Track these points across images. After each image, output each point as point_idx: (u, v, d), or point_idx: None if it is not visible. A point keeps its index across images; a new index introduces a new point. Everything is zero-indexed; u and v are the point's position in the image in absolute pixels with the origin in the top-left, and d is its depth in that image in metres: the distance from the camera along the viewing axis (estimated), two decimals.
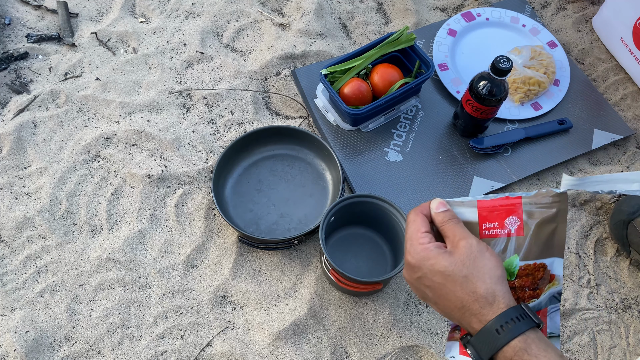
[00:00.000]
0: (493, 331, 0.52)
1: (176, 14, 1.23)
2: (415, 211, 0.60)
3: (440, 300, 0.56)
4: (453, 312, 0.55)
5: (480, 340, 0.53)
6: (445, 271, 0.54)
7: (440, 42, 1.19)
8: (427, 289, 0.57)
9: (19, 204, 0.99)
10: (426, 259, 0.55)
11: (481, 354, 0.53)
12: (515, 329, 0.51)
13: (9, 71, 1.12)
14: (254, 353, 0.90)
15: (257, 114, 1.12)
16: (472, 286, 0.53)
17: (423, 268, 0.56)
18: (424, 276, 0.56)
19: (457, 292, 0.54)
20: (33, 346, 0.88)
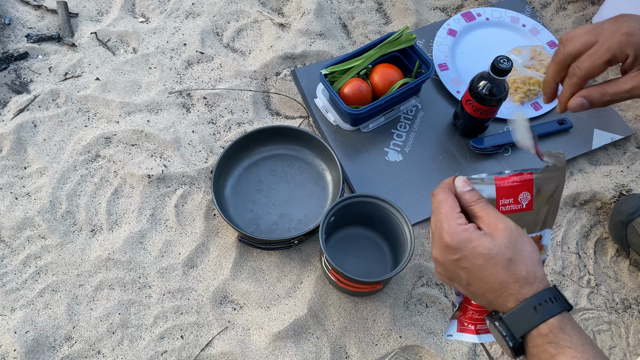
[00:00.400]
0: (530, 308, 0.52)
1: (176, 14, 1.23)
2: (445, 190, 0.58)
3: (476, 282, 0.55)
4: (487, 293, 0.54)
5: (516, 317, 0.53)
6: (488, 254, 0.53)
7: (440, 42, 1.19)
8: (463, 271, 0.55)
9: (19, 204, 0.99)
10: (468, 241, 0.54)
11: (514, 330, 0.52)
12: (553, 308, 0.52)
13: (9, 71, 1.12)
14: (254, 353, 0.90)
15: (257, 114, 1.12)
16: (515, 268, 0.53)
17: (464, 250, 0.54)
18: (464, 258, 0.54)
19: (498, 275, 0.53)
20: (33, 346, 0.88)
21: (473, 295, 0.57)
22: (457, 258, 0.55)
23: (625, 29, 0.57)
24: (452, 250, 0.55)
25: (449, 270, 0.57)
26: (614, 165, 1.09)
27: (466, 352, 0.91)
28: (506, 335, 0.53)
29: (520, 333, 0.52)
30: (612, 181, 1.06)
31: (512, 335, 0.53)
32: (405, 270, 0.97)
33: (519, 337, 0.52)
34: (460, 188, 0.58)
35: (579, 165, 1.09)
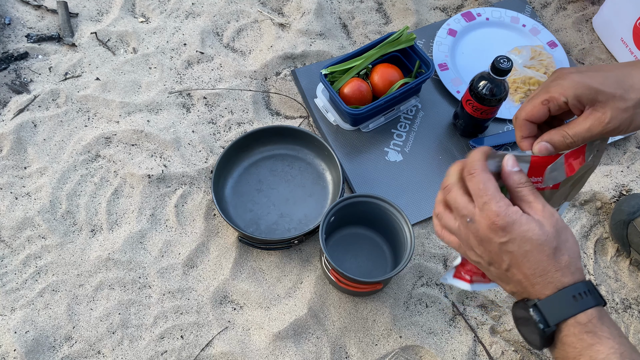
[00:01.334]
0: (569, 297, 0.51)
1: (176, 13, 1.23)
2: (485, 169, 0.54)
3: (517, 268, 0.53)
4: (525, 279, 0.53)
5: (554, 304, 0.52)
6: (537, 240, 0.52)
7: (440, 42, 1.19)
8: (507, 255, 0.53)
9: (19, 204, 0.99)
10: (519, 224, 0.52)
11: (550, 317, 0.52)
12: (591, 300, 0.51)
13: (9, 71, 1.12)
14: (254, 353, 0.90)
15: (257, 114, 1.12)
16: (559, 258, 0.53)
17: (513, 233, 0.52)
18: (511, 242, 0.53)
19: (542, 262, 0.52)
20: (33, 346, 0.88)
21: (507, 280, 0.56)
22: (505, 241, 0.53)
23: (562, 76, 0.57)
24: (501, 232, 0.53)
25: (491, 253, 0.55)
26: (614, 165, 1.09)
27: (466, 352, 0.91)
28: (539, 322, 0.52)
29: (557, 320, 0.52)
30: (612, 181, 1.06)
31: (546, 322, 0.52)
32: (405, 270, 0.97)
33: (553, 325, 0.52)
34: (510, 167, 0.55)
35: None
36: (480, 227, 0.54)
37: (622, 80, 0.54)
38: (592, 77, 0.55)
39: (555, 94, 0.57)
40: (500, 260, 0.55)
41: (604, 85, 0.54)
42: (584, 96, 0.55)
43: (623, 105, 0.54)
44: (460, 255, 0.64)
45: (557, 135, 0.58)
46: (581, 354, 0.51)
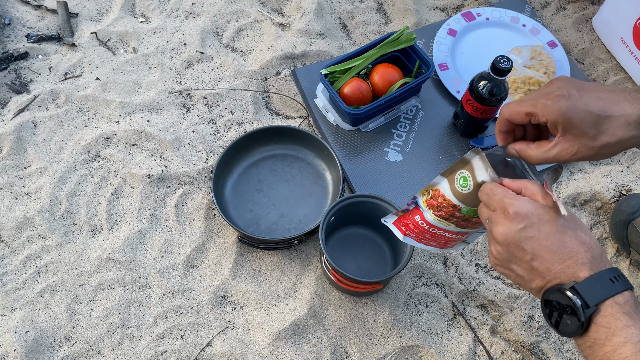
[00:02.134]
0: (607, 279, 0.52)
1: (176, 13, 1.23)
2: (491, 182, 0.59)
3: (543, 252, 0.54)
4: (554, 264, 0.54)
5: (593, 285, 0.52)
6: (556, 221, 0.54)
7: (440, 42, 1.19)
8: (529, 242, 0.55)
9: (19, 204, 0.99)
10: (535, 209, 0.55)
11: (589, 298, 0.52)
12: (625, 283, 0.53)
13: (9, 71, 1.12)
14: (254, 353, 0.90)
15: (257, 114, 1.12)
16: (583, 238, 0.54)
17: (531, 217, 0.54)
18: (531, 226, 0.54)
19: (567, 242, 0.54)
20: (33, 346, 0.88)
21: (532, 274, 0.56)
22: (524, 226, 0.55)
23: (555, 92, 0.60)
24: (519, 219, 0.55)
25: (511, 246, 0.56)
26: (614, 165, 1.09)
27: (466, 352, 0.91)
28: (579, 304, 0.52)
29: (597, 300, 0.52)
30: (612, 181, 1.06)
31: (585, 302, 0.52)
32: (405, 270, 0.97)
33: (594, 305, 0.52)
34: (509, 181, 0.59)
35: (579, 165, 1.09)
36: (497, 224, 0.57)
37: (600, 125, 0.58)
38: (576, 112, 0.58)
39: (539, 112, 0.60)
40: (522, 251, 0.55)
41: (582, 123, 0.58)
42: (561, 124, 0.59)
43: (591, 144, 0.58)
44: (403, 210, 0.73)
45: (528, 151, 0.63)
46: (614, 334, 0.51)
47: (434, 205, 0.67)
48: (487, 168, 0.60)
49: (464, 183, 0.63)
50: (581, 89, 0.59)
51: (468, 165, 0.63)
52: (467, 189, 0.63)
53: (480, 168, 0.61)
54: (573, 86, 0.59)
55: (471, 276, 0.97)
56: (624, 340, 0.50)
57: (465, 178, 0.63)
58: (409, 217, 0.72)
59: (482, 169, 0.61)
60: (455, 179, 0.64)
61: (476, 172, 0.62)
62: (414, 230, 0.71)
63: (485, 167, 0.61)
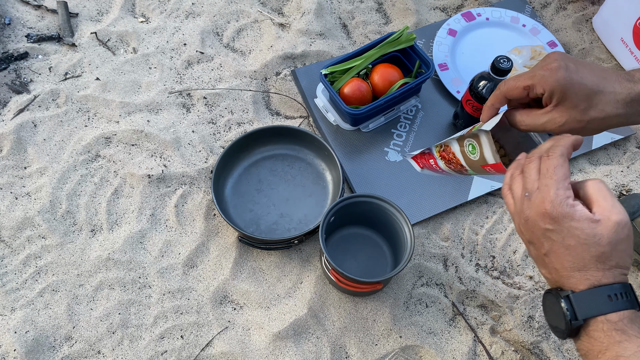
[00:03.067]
0: (604, 296, 0.51)
1: (176, 13, 1.23)
2: (563, 155, 0.55)
3: (556, 258, 0.54)
4: (563, 270, 0.54)
5: (586, 300, 0.52)
6: (585, 240, 0.52)
7: (440, 42, 1.19)
8: (549, 242, 0.54)
9: (19, 204, 0.99)
10: (569, 218, 0.52)
11: (580, 311, 0.52)
12: (626, 303, 0.51)
13: (9, 71, 1.12)
14: (254, 353, 0.90)
15: (257, 114, 1.12)
16: (605, 261, 0.52)
17: (561, 224, 0.52)
18: (557, 232, 0.53)
19: (584, 259, 0.52)
20: (33, 346, 0.88)
21: (543, 264, 0.56)
22: (550, 229, 0.53)
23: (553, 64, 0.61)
24: (548, 219, 0.53)
25: (534, 234, 0.56)
26: (614, 165, 1.09)
27: (466, 352, 0.91)
28: (568, 314, 0.52)
29: (586, 315, 0.51)
30: (612, 181, 1.06)
31: (574, 314, 0.52)
32: (405, 270, 0.97)
33: (581, 319, 0.51)
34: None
35: (579, 165, 1.09)
36: (532, 207, 0.55)
37: (591, 98, 0.60)
38: (572, 83, 0.60)
39: (537, 83, 0.62)
40: (540, 244, 0.55)
41: (576, 95, 0.60)
42: (556, 94, 0.61)
43: (580, 117, 0.60)
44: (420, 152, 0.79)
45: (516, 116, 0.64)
46: (607, 348, 0.51)
47: (445, 157, 0.73)
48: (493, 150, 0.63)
49: (473, 150, 0.67)
50: (577, 63, 0.61)
51: (477, 139, 0.66)
52: (475, 156, 0.66)
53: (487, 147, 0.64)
54: (570, 59, 0.61)
55: (471, 276, 0.97)
56: (616, 355, 0.50)
57: (474, 147, 0.66)
58: (424, 158, 0.80)
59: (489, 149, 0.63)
60: (465, 145, 0.68)
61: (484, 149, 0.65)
62: (430, 167, 0.79)
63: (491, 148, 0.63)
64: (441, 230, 1.01)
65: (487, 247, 1.00)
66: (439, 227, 1.01)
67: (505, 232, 1.01)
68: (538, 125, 0.63)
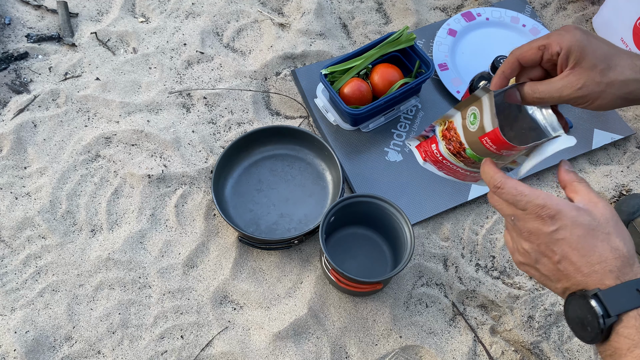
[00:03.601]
0: (634, 290, 0.51)
1: (176, 13, 1.23)
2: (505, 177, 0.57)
3: (572, 256, 0.53)
4: (582, 267, 0.53)
5: (617, 295, 0.51)
6: (589, 224, 0.53)
7: (440, 42, 1.19)
8: (558, 244, 0.53)
9: (19, 204, 0.99)
10: (567, 210, 0.53)
11: (612, 307, 0.51)
12: None
13: (9, 71, 1.12)
14: (254, 353, 0.90)
15: (257, 114, 1.12)
16: (615, 244, 0.52)
17: (564, 219, 0.53)
18: (563, 228, 0.53)
19: (597, 247, 0.52)
20: (33, 346, 0.88)
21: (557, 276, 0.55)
22: (555, 229, 0.53)
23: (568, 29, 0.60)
24: (550, 221, 0.53)
25: (540, 246, 0.55)
26: (614, 165, 1.09)
27: (466, 352, 0.91)
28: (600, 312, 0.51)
29: (620, 310, 0.51)
30: (612, 181, 1.06)
31: (606, 311, 0.51)
32: (405, 270, 0.97)
33: (615, 315, 0.51)
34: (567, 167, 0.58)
35: (579, 165, 1.09)
36: (527, 222, 0.55)
37: (610, 59, 0.58)
38: (589, 42, 0.58)
39: (553, 42, 0.59)
40: (550, 252, 0.54)
41: (594, 54, 0.57)
42: (574, 53, 0.58)
43: (599, 78, 0.57)
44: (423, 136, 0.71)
45: (529, 88, 0.61)
46: (637, 346, 0.50)
47: (446, 137, 0.67)
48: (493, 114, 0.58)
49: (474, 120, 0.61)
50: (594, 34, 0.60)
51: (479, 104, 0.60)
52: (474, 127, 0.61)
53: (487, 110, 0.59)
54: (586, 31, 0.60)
55: (471, 276, 0.97)
56: None
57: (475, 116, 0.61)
58: (427, 144, 0.71)
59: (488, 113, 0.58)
60: (467, 114, 0.62)
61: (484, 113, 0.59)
62: (432, 158, 0.71)
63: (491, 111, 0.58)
64: (441, 230, 1.01)
65: (487, 247, 1.00)
66: (439, 227, 1.01)
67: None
68: (554, 91, 0.59)
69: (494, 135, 0.59)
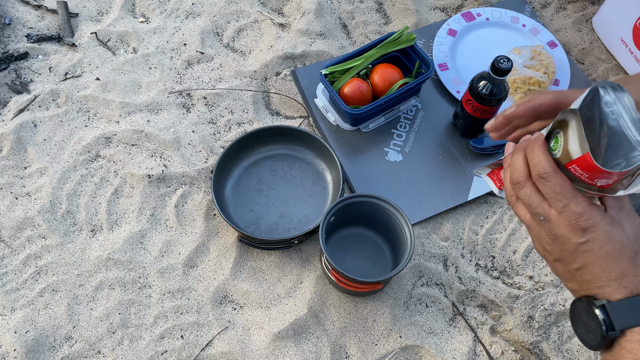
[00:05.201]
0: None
1: (176, 13, 1.23)
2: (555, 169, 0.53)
3: (593, 268, 0.52)
4: (598, 280, 0.52)
5: (625, 309, 0.50)
6: (621, 241, 0.51)
7: (440, 42, 1.19)
8: (583, 256, 0.52)
9: (19, 204, 0.99)
10: (603, 224, 0.51)
11: (617, 321, 0.50)
12: None
13: (9, 71, 1.12)
14: (254, 353, 0.90)
15: (257, 114, 1.12)
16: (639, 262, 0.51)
17: (597, 232, 0.51)
18: (593, 240, 0.51)
19: (622, 264, 0.51)
20: (33, 346, 0.88)
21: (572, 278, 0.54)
22: (584, 241, 0.52)
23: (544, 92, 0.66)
24: (581, 232, 0.52)
25: (564, 252, 0.54)
26: None
27: (466, 352, 0.91)
28: (604, 325, 0.51)
29: (624, 326, 0.50)
30: None
31: (611, 324, 0.50)
32: (405, 270, 0.97)
33: (619, 329, 0.50)
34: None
35: None
36: (557, 227, 0.53)
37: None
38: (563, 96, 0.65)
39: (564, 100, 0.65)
40: (572, 259, 0.53)
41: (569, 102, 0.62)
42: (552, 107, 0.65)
43: None
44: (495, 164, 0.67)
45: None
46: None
47: None
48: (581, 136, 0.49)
49: (555, 145, 0.53)
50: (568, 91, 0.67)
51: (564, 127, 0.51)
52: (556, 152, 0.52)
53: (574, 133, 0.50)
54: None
55: (471, 276, 0.97)
56: None
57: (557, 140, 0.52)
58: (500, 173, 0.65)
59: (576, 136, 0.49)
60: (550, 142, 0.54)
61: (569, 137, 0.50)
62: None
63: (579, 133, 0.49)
64: (441, 230, 1.01)
65: (487, 247, 1.00)
66: (439, 227, 1.01)
67: (505, 232, 1.01)
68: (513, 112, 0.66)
69: (584, 162, 0.49)
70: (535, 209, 0.54)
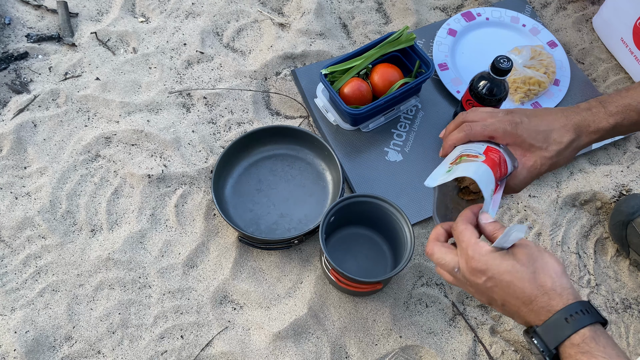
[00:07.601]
0: (562, 320, 0.54)
1: (176, 13, 1.23)
2: (463, 222, 0.63)
3: (508, 299, 0.58)
4: (520, 309, 0.58)
5: (549, 329, 0.55)
6: (512, 270, 0.57)
7: (440, 42, 1.19)
8: (494, 290, 0.59)
9: (19, 204, 0.99)
10: (492, 260, 0.58)
11: (548, 342, 0.54)
12: (584, 319, 0.54)
13: (9, 71, 1.12)
14: (254, 353, 0.90)
15: (257, 114, 1.12)
16: (540, 281, 0.56)
17: (491, 269, 0.58)
18: (492, 277, 0.58)
19: (525, 289, 0.56)
20: (33, 346, 0.88)
21: (511, 313, 0.60)
22: (487, 278, 0.58)
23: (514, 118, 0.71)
24: (481, 272, 0.58)
25: (483, 293, 0.60)
26: (614, 165, 1.09)
27: (466, 352, 0.91)
28: (543, 350, 0.55)
29: (554, 344, 0.54)
30: (612, 181, 1.06)
31: (546, 347, 0.54)
32: (405, 270, 0.97)
33: (553, 349, 0.54)
34: (484, 220, 0.63)
35: (579, 165, 1.09)
36: (465, 274, 0.61)
37: (547, 137, 0.70)
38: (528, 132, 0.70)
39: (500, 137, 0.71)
40: (492, 298, 0.60)
41: (535, 140, 0.70)
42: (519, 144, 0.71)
43: (547, 154, 0.70)
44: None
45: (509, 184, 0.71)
46: None
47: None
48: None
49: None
50: (531, 115, 0.72)
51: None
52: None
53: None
54: (524, 114, 0.72)
55: None
56: None
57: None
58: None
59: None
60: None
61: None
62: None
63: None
64: None
65: None
66: None
67: None
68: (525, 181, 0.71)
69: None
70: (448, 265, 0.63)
